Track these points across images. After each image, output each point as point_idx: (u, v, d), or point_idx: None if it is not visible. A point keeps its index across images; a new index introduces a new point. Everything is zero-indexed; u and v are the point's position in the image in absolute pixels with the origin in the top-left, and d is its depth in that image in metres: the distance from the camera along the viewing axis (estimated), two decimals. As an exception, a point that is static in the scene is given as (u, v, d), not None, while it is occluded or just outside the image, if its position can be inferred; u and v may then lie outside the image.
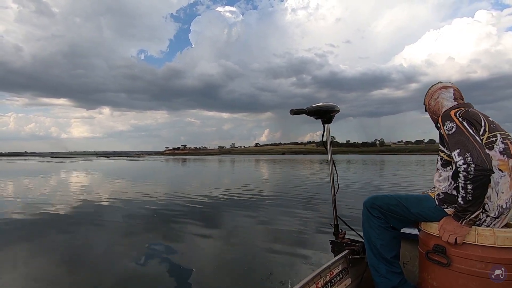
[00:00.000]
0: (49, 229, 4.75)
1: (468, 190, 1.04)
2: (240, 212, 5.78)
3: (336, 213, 1.59)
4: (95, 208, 6.55)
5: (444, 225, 1.15)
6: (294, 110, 1.49)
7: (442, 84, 1.36)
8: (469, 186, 1.04)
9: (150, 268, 3.12)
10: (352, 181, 11.82)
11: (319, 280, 1.25)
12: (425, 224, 1.27)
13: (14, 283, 2.80)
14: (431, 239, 1.20)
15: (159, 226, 4.83)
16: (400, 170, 18.52)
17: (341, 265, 1.42)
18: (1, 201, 7.64)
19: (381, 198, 1.35)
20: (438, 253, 1.15)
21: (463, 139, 1.08)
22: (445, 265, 1.12)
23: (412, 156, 52.33)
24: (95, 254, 3.55)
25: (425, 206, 1.25)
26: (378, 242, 1.33)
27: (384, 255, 1.31)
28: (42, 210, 6.21)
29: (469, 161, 1.03)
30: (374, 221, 1.35)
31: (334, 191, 1.60)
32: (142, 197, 7.86)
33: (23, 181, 13.46)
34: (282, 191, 9.06)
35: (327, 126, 1.62)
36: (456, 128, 1.13)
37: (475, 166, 1.02)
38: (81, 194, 8.76)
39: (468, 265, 1.07)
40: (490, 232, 1.06)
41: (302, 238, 4.09)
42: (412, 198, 1.30)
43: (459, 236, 1.09)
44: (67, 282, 2.79)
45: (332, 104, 1.59)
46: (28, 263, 3.28)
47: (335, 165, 1.62)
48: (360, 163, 28.75)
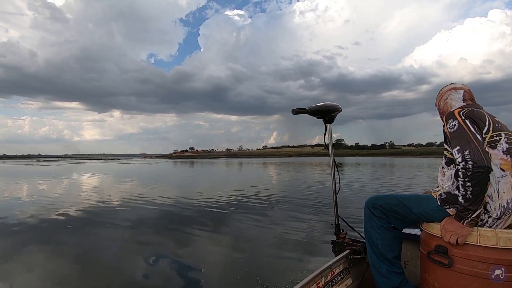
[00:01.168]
0: (56, 230, 4.89)
1: (467, 187, 1.05)
2: (243, 214, 5.79)
3: (337, 213, 1.59)
4: (100, 210, 6.70)
5: (445, 225, 1.14)
6: (296, 110, 1.50)
7: (453, 86, 1.38)
8: (468, 183, 1.04)
9: (158, 269, 3.16)
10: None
11: (320, 279, 1.25)
12: (426, 224, 1.25)
13: (25, 283, 2.89)
14: (433, 239, 1.19)
15: (165, 229, 4.90)
16: (399, 177, 14.91)
17: (342, 265, 1.42)
18: (13, 202, 7.90)
19: (383, 198, 1.35)
20: (440, 254, 1.14)
21: (464, 137, 1.09)
22: (446, 265, 1.11)
23: (423, 160, 50.70)
24: (103, 256, 3.62)
25: (426, 206, 1.24)
26: (380, 242, 1.32)
27: (385, 255, 1.31)
28: (53, 212, 6.39)
29: (467, 158, 1.04)
30: (376, 221, 1.35)
31: (336, 191, 1.60)
32: (142, 200, 7.97)
33: (37, 183, 13.85)
34: (283, 193, 9.04)
35: (329, 126, 1.62)
36: (458, 126, 1.14)
37: (473, 163, 1.02)
38: (86, 196, 8.96)
39: (470, 266, 1.06)
40: (492, 233, 1.05)
41: (304, 238, 4.09)
42: (413, 198, 1.30)
43: (460, 236, 1.08)
44: (76, 283, 2.85)
45: (334, 104, 1.60)
46: (40, 264, 3.38)
47: (336, 165, 1.62)
48: (356, 166, 27.28)
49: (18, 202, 7.74)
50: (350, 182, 12.04)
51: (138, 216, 5.76)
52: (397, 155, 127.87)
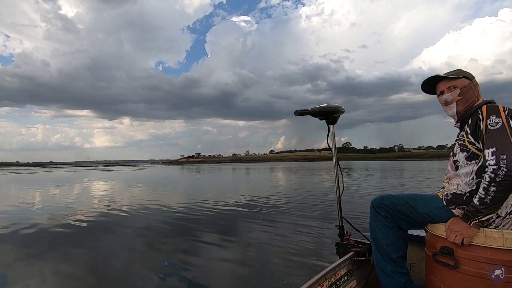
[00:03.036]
0: (66, 236, 4.97)
1: (490, 192, 1.00)
2: (246, 219, 5.75)
3: (341, 214, 1.58)
4: (108, 216, 6.78)
5: (451, 225, 1.13)
6: (298, 111, 1.50)
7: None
8: (493, 188, 1.00)
9: (166, 275, 3.18)
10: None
11: (324, 282, 1.24)
12: (432, 225, 1.24)
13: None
14: (438, 240, 1.18)
15: (171, 236, 4.93)
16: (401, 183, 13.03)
17: (347, 267, 1.41)
18: (26, 209, 8.09)
19: (388, 198, 1.34)
20: (445, 255, 1.12)
21: (504, 139, 1.01)
22: (452, 267, 1.09)
23: (434, 163, 49.02)
24: (112, 262, 3.63)
25: (432, 206, 1.23)
26: (385, 241, 1.31)
27: (390, 255, 1.30)
28: (64, 218, 6.51)
29: (502, 163, 0.97)
30: (381, 221, 1.34)
31: (339, 193, 1.60)
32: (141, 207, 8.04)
33: (48, 190, 14.13)
34: (284, 197, 8.97)
35: (332, 127, 1.62)
36: (501, 125, 1.04)
37: (506, 170, 0.96)
38: (91, 203, 9.09)
39: (476, 267, 1.04)
40: (499, 234, 1.03)
41: (307, 239, 4.05)
42: (419, 198, 1.29)
43: (465, 237, 1.07)
44: None
45: (336, 105, 1.60)
46: (50, 270, 3.44)
47: (340, 167, 1.62)
48: (359, 171, 25.82)
49: (45, 207, 7.91)
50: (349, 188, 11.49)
51: (141, 224, 5.81)
52: (406, 158, 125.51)
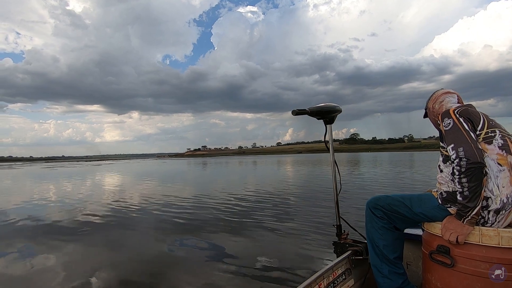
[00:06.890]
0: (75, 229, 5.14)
1: (464, 183, 1.07)
2: (245, 216, 5.72)
3: (339, 213, 1.59)
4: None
5: (446, 224, 1.14)
6: (296, 111, 1.49)
7: (447, 90, 1.43)
8: (464, 179, 1.07)
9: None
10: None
11: (322, 281, 1.25)
12: (428, 224, 1.24)
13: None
14: (435, 239, 1.18)
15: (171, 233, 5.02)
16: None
17: (344, 266, 1.42)
18: (40, 204, 8.35)
19: (384, 199, 1.35)
20: (442, 254, 1.13)
21: (458, 134, 1.13)
22: (449, 265, 1.10)
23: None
24: (122, 257, 3.72)
25: (428, 206, 1.24)
26: (381, 242, 1.32)
27: (387, 256, 1.30)
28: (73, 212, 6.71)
29: (461, 155, 1.08)
30: (377, 222, 1.34)
31: (337, 192, 1.60)
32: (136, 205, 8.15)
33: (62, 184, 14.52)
34: (282, 192, 8.93)
35: (329, 127, 1.62)
36: (453, 124, 1.17)
37: (466, 159, 1.06)
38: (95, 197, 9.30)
39: (472, 266, 1.05)
40: (494, 232, 1.04)
41: (306, 239, 4.05)
42: (415, 198, 1.29)
43: (460, 235, 1.08)
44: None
45: (333, 105, 1.59)
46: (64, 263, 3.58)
47: (337, 166, 1.62)
48: (352, 164, 24.37)
49: (67, 201, 8.24)
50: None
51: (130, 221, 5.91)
52: (414, 149, 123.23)
